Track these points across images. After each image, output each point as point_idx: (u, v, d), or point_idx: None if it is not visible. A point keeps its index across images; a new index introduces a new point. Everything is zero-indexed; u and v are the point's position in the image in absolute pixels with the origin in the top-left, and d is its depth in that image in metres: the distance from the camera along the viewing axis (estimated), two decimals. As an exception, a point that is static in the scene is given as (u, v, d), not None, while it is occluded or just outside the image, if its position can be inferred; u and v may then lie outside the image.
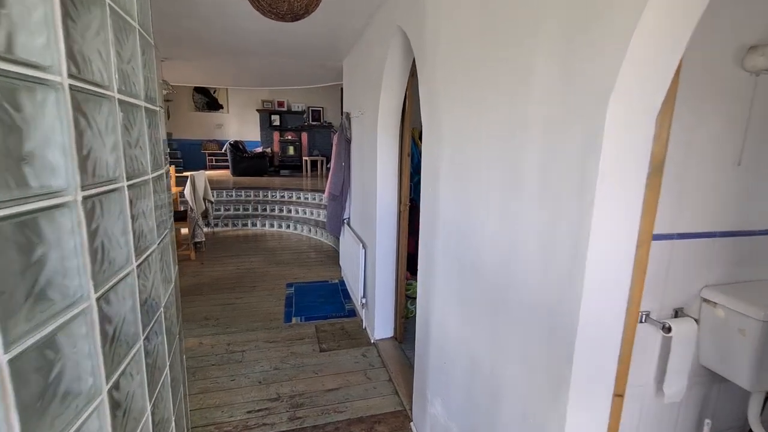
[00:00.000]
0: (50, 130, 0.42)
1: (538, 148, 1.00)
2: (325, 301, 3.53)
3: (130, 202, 0.62)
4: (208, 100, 10.75)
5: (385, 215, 2.69)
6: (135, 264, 0.63)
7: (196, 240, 4.52)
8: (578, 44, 0.85)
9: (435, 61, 1.59)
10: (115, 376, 0.55)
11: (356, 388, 2.32)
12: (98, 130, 0.52)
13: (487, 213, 1.25)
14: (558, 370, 0.93)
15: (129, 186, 0.61)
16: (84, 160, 0.48)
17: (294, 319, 3.16)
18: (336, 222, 3.74)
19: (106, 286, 0.53)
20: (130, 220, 0.61)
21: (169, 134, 7.45)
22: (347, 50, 3.62)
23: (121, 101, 0.59)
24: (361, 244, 3.01)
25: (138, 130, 0.67)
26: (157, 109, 0.84)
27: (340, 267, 4.28)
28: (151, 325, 0.71)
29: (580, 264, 0.85)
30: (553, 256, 0.94)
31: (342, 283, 3.98)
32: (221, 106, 10.84)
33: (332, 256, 4.83)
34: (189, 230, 4.50)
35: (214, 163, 10.53)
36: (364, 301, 3.00)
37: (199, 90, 10.65)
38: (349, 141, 3.55)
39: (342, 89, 4.42)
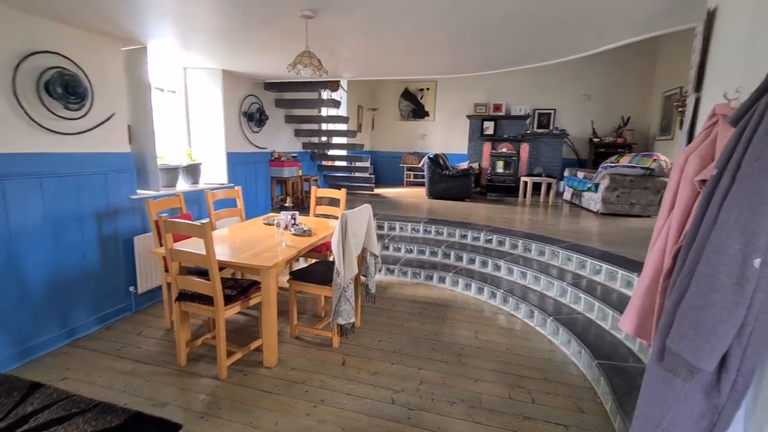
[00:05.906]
0: None
1: None
2: None
3: None
4: (414, 107, 9.48)
5: None
6: None
7: (340, 321, 2.72)
8: None
9: None
10: None
11: None
12: None
13: None
14: None
15: None
16: None
17: None
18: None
19: None
20: None
21: (360, 146, 6.23)
22: None
23: None
24: None
25: None
26: None
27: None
28: None
29: None
30: None
31: None
32: (427, 114, 9.39)
33: (592, 412, 2.17)
34: (333, 300, 2.73)
35: (411, 179, 9.15)
36: None
37: (406, 96, 9.50)
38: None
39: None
